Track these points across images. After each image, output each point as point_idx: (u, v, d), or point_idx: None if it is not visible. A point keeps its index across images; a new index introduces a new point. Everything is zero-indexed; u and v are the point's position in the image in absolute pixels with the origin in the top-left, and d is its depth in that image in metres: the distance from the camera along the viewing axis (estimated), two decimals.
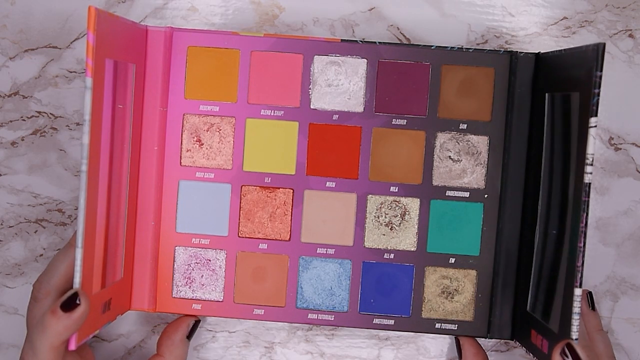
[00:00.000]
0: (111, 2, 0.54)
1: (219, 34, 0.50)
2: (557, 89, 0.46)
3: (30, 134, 0.54)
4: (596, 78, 0.39)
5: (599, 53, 0.39)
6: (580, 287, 0.40)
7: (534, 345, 0.45)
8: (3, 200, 0.55)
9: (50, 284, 0.46)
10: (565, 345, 0.40)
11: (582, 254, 0.40)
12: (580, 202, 0.40)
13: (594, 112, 0.39)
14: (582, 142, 0.40)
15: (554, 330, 0.43)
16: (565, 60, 0.44)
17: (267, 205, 0.50)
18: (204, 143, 0.50)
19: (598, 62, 0.39)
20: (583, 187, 0.40)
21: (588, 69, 0.40)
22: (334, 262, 0.50)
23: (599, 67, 0.39)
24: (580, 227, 0.40)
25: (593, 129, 0.39)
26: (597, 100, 0.39)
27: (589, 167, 0.39)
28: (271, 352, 0.55)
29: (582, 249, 0.40)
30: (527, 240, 0.49)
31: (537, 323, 0.45)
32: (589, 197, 0.40)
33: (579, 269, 0.40)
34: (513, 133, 0.49)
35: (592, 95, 0.39)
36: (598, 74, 0.39)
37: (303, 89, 0.50)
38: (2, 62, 0.54)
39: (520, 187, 0.49)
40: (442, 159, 0.50)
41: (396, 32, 0.54)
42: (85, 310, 0.41)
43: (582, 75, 0.41)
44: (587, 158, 0.39)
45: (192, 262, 0.50)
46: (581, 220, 0.40)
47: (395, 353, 0.54)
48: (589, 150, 0.39)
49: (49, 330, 0.41)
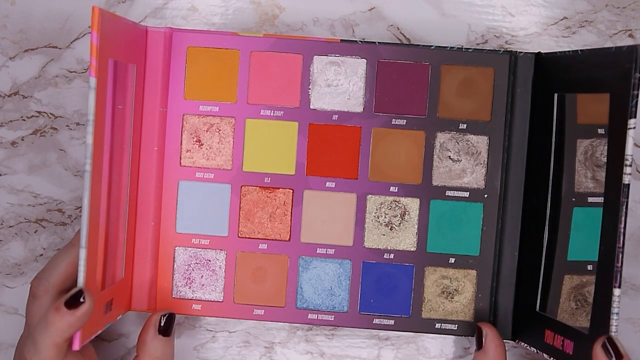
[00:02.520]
0: (111, 2, 0.54)
1: (218, 35, 0.50)
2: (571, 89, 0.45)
3: (30, 134, 0.54)
4: (635, 80, 0.39)
5: (637, 54, 0.39)
6: (619, 287, 0.40)
7: (550, 345, 0.45)
8: (3, 200, 0.55)
9: (49, 281, 0.46)
10: (607, 340, 0.41)
11: (622, 254, 0.40)
12: (619, 203, 0.40)
13: (633, 114, 0.39)
14: (617, 143, 0.40)
15: (582, 330, 0.43)
16: (586, 61, 0.44)
17: (267, 206, 0.50)
18: (204, 143, 0.50)
19: (637, 63, 0.39)
20: (622, 188, 0.40)
21: (624, 70, 0.40)
22: (333, 262, 0.50)
23: (637, 69, 0.39)
24: (619, 228, 0.40)
25: (632, 130, 0.39)
26: (636, 102, 0.39)
27: (628, 168, 0.40)
28: (271, 352, 0.55)
29: (622, 249, 0.40)
30: (527, 239, 0.49)
31: (553, 323, 0.45)
32: (628, 197, 0.40)
33: (619, 269, 0.40)
34: (513, 133, 0.49)
35: (631, 97, 0.39)
36: (637, 75, 0.39)
37: (303, 89, 0.50)
38: (2, 62, 0.54)
39: (520, 186, 0.49)
40: (442, 159, 0.50)
41: (396, 32, 0.54)
42: (90, 308, 0.41)
43: (612, 77, 0.41)
44: (626, 159, 0.40)
45: (192, 262, 0.50)
46: (620, 221, 0.40)
47: (395, 353, 0.54)
48: (628, 152, 0.39)
49: (52, 327, 0.41)
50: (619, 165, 0.40)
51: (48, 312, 0.41)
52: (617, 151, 0.40)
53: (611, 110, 0.41)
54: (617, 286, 0.40)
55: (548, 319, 0.46)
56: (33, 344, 0.42)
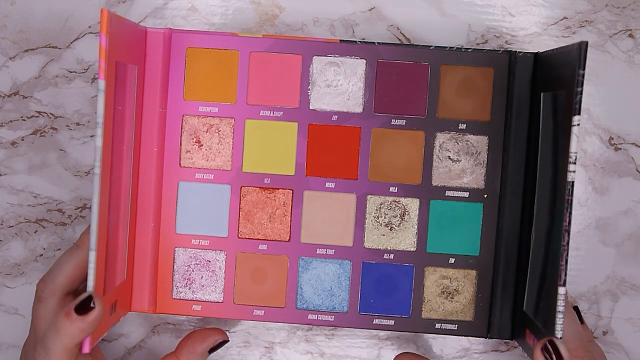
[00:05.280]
0: (111, 2, 0.54)
1: (218, 35, 0.50)
2: (550, 88, 0.46)
3: (30, 134, 0.54)
4: (579, 77, 0.39)
5: (581, 51, 0.39)
6: (564, 285, 0.40)
7: (528, 344, 0.46)
8: (3, 200, 0.55)
9: (55, 283, 0.46)
10: (549, 343, 0.40)
11: (567, 252, 0.40)
12: (564, 201, 0.40)
13: (577, 111, 0.39)
14: (566, 141, 0.40)
15: (542, 328, 0.43)
16: (556, 60, 0.44)
17: (267, 206, 0.50)
18: (204, 144, 0.50)
19: (581, 60, 0.39)
20: (566, 186, 0.40)
21: (572, 68, 0.40)
22: (333, 262, 0.50)
23: (581, 65, 0.39)
24: (563, 226, 0.40)
25: (576, 128, 0.39)
26: (579, 99, 0.39)
27: (572, 166, 0.39)
28: (271, 352, 0.55)
29: (566, 247, 0.40)
30: (526, 240, 0.49)
31: (531, 322, 0.45)
32: (572, 195, 0.40)
33: (563, 267, 0.40)
34: (512, 133, 0.49)
35: (575, 94, 0.39)
36: (581, 72, 0.39)
37: (302, 90, 0.50)
38: (2, 62, 0.54)
39: (520, 186, 0.49)
40: (442, 159, 0.50)
41: (396, 32, 0.54)
42: (100, 313, 0.41)
43: (567, 74, 0.41)
44: (570, 156, 0.39)
45: (192, 263, 0.50)
46: (564, 219, 0.40)
47: (395, 353, 0.54)
48: (572, 149, 0.39)
49: (62, 332, 0.41)
50: (565, 164, 0.40)
51: (58, 318, 0.41)
52: (564, 149, 0.40)
53: (565, 108, 0.41)
54: (561, 284, 0.40)
55: (528, 318, 0.46)
56: (44, 348, 0.42)
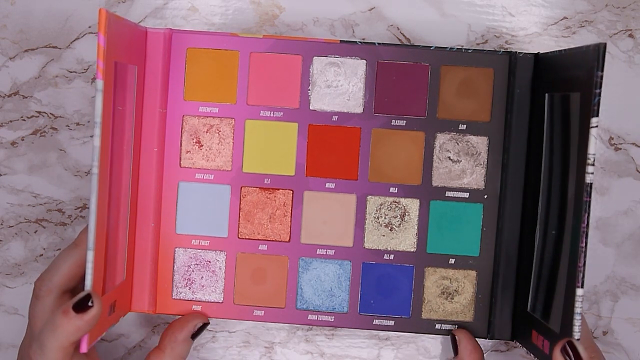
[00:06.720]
0: (111, 2, 0.54)
1: (218, 35, 0.50)
2: (557, 89, 0.45)
3: (30, 134, 0.54)
4: (597, 78, 0.39)
5: (599, 53, 0.39)
6: (582, 287, 0.40)
7: (535, 345, 0.45)
8: (3, 200, 0.55)
9: (52, 282, 0.46)
10: (567, 344, 0.40)
11: (584, 254, 0.40)
12: (581, 202, 0.40)
13: (595, 112, 0.39)
14: (583, 142, 0.40)
15: (555, 330, 0.43)
16: (565, 61, 0.44)
17: (267, 207, 0.50)
18: (204, 144, 0.50)
19: (599, 62, 0.39)
20: (584, 187, 0.40)
21: (589, 69, 0.40)
22: (333, 263, 0.50)
23: (600, 67, 0.39)
24: (581, 228, 0.40)
25: (594, 129, 0.39)
26: (598, 101, 0.39)
27: (590, 168, 0.39)
28: (271, 352, 0.55)
29: (584, 249, 0.40)
30: (527, 240, 0.49)
31: (538, 323, 0.45)
32: (590, 197, 0.40)
33: (581, 269, 0.40)
34: (512, 133, 0.49)
35: (594, 96, 0.39)
36: (599, 74, 0.39)
37: (302, 90, 0.50)
38: (2, 62, 0.54)
39: (520, 187, 0.49)
40: (442, 160, 0.50)
41: (396, 32, 0.53)
42: (98, 312, 0.41)
43: (582, 76, 0.41)
44: (588, 158, 0.39)
45: (192, 263, 0.50)
46: (582, 221, 0.40)
47: (395, 353, 0.54)
48: (590, 151, 0.39)
49: (59, 329, 0.41)
50: (583, 165, 0.40)
51: (55, 315, 0.41)
52: (583, 150, 0.40)
53: (581, 110, 0.41)
54: (579, 286, 0.40)
55: (535, 319, 0.46)
56: (40, 346, 0.42)
